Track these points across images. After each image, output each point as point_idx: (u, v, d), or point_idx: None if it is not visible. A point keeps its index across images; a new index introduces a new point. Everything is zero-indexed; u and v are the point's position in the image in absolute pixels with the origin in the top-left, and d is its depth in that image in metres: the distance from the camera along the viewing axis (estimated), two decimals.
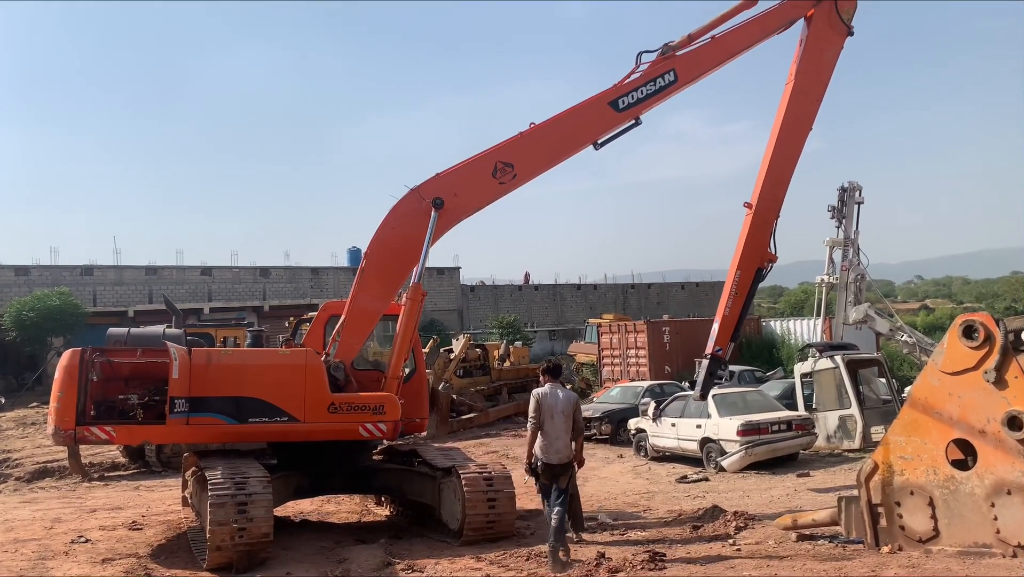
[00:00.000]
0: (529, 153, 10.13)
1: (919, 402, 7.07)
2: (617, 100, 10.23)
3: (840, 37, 11.20)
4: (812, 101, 11.21)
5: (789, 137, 11.22)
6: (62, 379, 8.78)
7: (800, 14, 11.01)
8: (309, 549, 8.84)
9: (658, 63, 10.39)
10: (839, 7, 11.06)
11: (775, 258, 11.57)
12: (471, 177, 9.99)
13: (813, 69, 11.12)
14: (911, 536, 6.92)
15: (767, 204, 11.27)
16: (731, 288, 11.39)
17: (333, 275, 46.47)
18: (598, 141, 10.35)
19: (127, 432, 9.07)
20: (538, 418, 8.09)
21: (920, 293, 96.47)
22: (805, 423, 14.97)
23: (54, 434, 8.77)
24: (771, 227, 11.39)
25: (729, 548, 8.15)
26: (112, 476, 16.13)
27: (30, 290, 35.49)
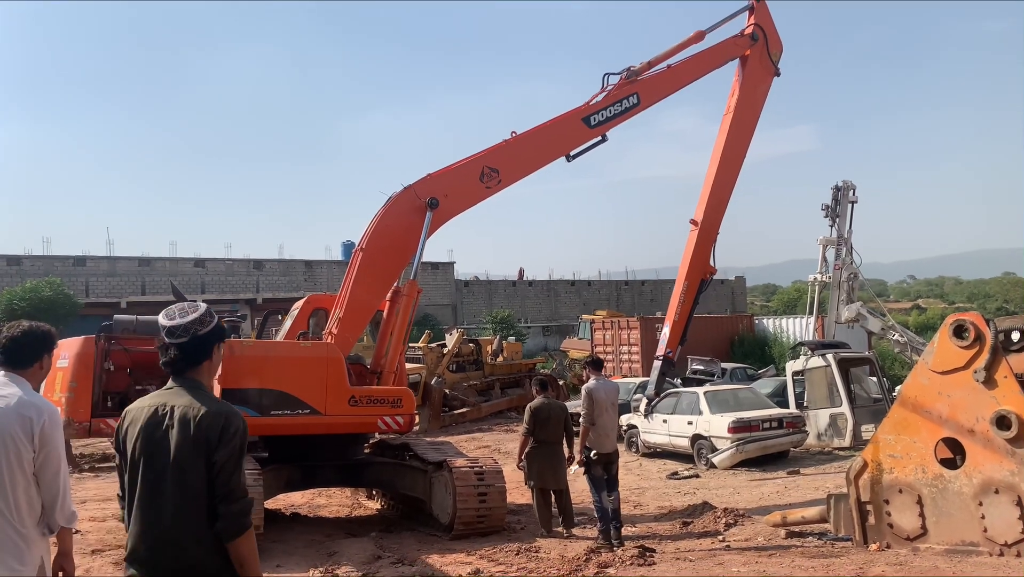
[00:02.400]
0: (513, 160, 10.77)
1: (909, 401, 7.09)
2: (589, 117, 11.07)
3: (769, 76, 12.64)
4: (748, 131, 12.62)
5: (729, 163, 12.49)
6: (76, 368, 8.41)
7: (739, 53, 12.35)
8: (300, 542, 8.84)
9: (624, 86, 11.28)
10: (769, 50, 12.50)
11: (715, 271, 13.02)
12: (460, 180, 10.47)
13: (748, 104, 12.49)
14: (899, 534, 6.95)
15: (710, 221, 12.47)
16: (680, 297, 12.57)
17: (327, 268, 46.41)
18: (570, 154, 11.12)
19: None
20: (592, 413, 8.54)
21: (912, 293, 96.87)
22: (796, 421, 15.02)
23: (66, 426, 8.31)
24: (713, 242, 12.64)
25: (718, 544, 8.19)
26: (103, 467, 16.07)
27: (22, 280, 35.37)
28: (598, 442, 8.59)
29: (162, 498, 2.86)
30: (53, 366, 8.53)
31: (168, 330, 3.00)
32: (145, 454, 2.91)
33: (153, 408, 2.95)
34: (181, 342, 2.99)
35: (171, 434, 2.89)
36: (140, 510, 2.89)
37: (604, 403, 8.67)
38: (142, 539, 2.88)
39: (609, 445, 8.68)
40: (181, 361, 3.01)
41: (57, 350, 8.42)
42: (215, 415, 2.90)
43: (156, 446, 2.90)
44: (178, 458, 2.86)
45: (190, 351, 3.01)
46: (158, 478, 2.87)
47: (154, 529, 2.86)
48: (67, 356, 8.60)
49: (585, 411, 8.61)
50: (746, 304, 65.73)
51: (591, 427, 8.60)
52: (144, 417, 2.95)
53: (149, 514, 2.88)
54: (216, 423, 2.89)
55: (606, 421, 8.67)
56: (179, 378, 3.02)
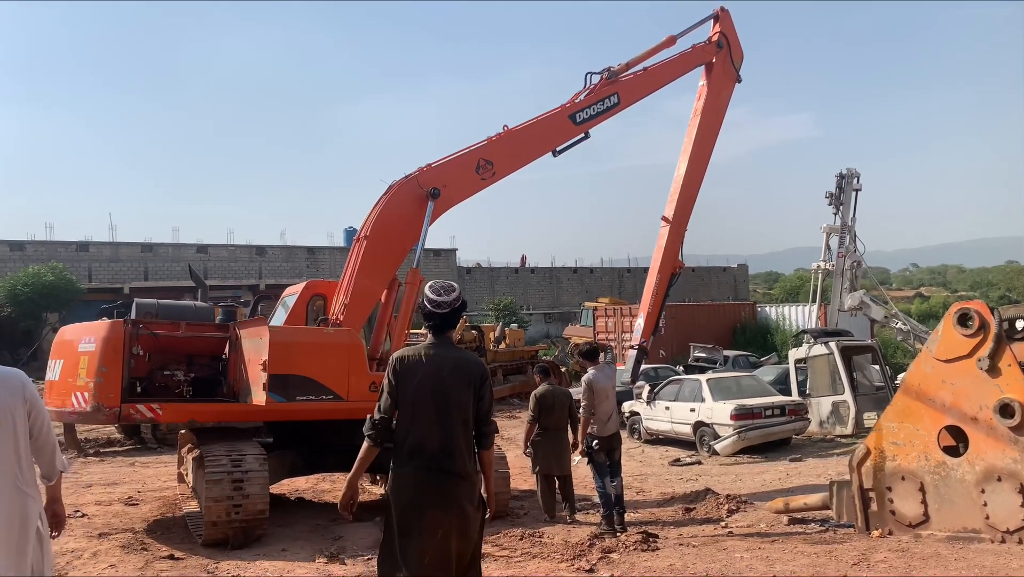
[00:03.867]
0: (506, 153, 11.07)
1: (912, 389, 7.11)
2: (575, 114, 11.52)
3: (732, 83, 13.40)
4: (713, 134, 13.39)
5: (697, 163, 13.20)
6: (105, 352, 8.23)
7: (707, 58, 13.09)
8: (304, 526, 8.90)
9: (605, 86, 11.78)
10: (732, 57, 13.26)
11: (683, 265, 13.92)
12: (458, 171, 10.65)
13: (713, 108, 13.23)
14: (901, 521, 6.99)
15: (679, 219, 13.21)
16: (652, 290, 13.30)
17: (329, 255, 46.43)
18: (557, 149, 11.51)
19: (174, 410, 8.67)
20: (592, 404, 8.61)
21: (915, 281, 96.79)
22: (798, 408, 15.08)
23: (95, 411, 8.17)
24: (682, 238, 13.42)
25: (721, 530, 8.24)
26: (107, 452, 16.15)
27: (25, 266, 35.41)
28: (599, 428, 8.67)
29: (448, 420, 3.95)
30: (75, 350, 8.35)
31: (436, 304, 4.08)
32: (432, 389, 3.96)
33: (431, 357, 4.04)
34: (444, 312, 4.09)
35: (455, 378, 4.01)
36: (428, 426, 3.93)
37: (604, 391, 8.74)
38: (428, 440, 3.92)
39: (610, 429, 8.76)
40: (443, 326, 4.12)
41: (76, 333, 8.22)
42: (476, 363, 4.15)
43: (441, 384, 3.97)
44: (456, 393, 3.99)
45: (450, 319, 4.12)
46: (443, 405, 3.95)
47: (440, 440, 3.92)
48: (93, 340, 8.39)
49: (585, 402, 8.67)
50: (748, 292, 65.72)
51: (591, 417, 8.67)
52: (426, 364, 4.01)
53: (436, 430, 3.93)
54: (479, 369, 4.11)
55: (606, 408, 8.75)
56: (439, 337, 4.12)
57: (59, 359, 8.85)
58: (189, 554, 7.57)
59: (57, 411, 8.76)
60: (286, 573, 6.80)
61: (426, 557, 3.86)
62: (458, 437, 3.97)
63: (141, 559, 7.24)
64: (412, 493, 3.92)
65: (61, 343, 9.12)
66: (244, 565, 7.06)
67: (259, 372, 8.34)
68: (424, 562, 3.85)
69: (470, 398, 4.02)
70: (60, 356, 8.89)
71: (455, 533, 3.91)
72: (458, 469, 3.95)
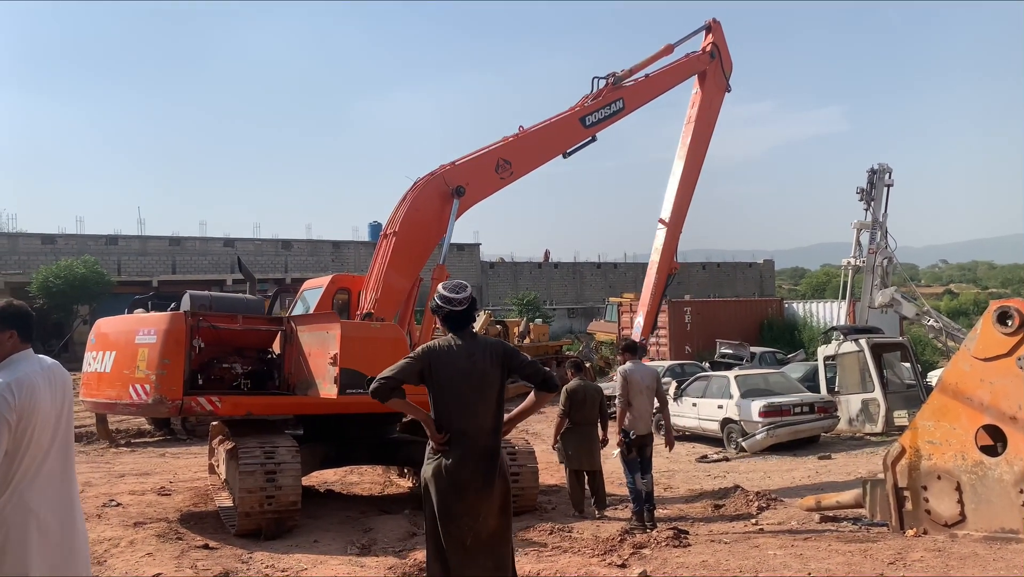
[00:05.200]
0: (523, 154, 11.39)
1: (949, 387, 7.02)
2: (584, 118, 11.94)
3: (722, 92, 14.10)
4: (705, 140, 14.12)
5: (691, 168, 13.87)
6: (168, 345, 8.19)
7: (701, 68, 13.75)
8: (335, 518, 8.97)
9: (611, 92, 12.21)
10: (723, 67, 13.89)
11: (679, 266, 14.75)
12: (479, 170, 10.92)
13: (705, 117, 13.93)
14: (937, 520, 6.90)
15: (676, 221, 13.85)
16: (651, 290, 13.95)
17: (354, 249, 46.69)
18: (567, 151, 11.95)
19: (232, 403, 8.62)
20: (628, 395, 8.63)
21: (944, 278, 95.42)
22: (828, 406, 14.94)
23: (156, 404, 8.18)
24: (678, 240, 14.07)
25: (752, 527, 8.19)
26: (138, 443, 16.40)
27: (56, 258, 35.93)
28: (633, 424, 8.67)
29: (483, 403, 4.18)
30: (132, 342, 8.14)
31: (454, 301, 4.31)
32: (466, 374, 4.18)
33: (460, 345, 4.25)
34: (462, 309, 4.33)
35: (484, 361, 4.22)
36: (465, 411, 4.15)
37: (640, 385, 8.74)
38: (468, 425, 4.14)
39: (643, 427, 8.77)
40: (463, 322, 4.35)
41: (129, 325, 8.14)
42: (500, 342, 4.44)
43: (474, 367, 4.20)
44: (489, 374, 4.22)
45: (468, 315, 4.37)
46: (477, 389, 4.19)
47: (477, 424, 4.15)
48: (153, 332, 8.31)
49: (622, 393, 8.66)
50: (774, 287, 65.17)
51: (628, 408, 8.65)
52: (456, 352, 4.23)
53: (472, 414, 4.16)
54: (502, 346, 4.38)
55: (641, 403, 8.75)
56: (461, 331, 4.32)
57: (109, 351, 8.72)
58: (223, 544, 7.67)
59: (110, 403, 8.72)
60: (319, 564, 6.86)
61: (468, 539, 4.06)
62: (492, 418, 4.21)
63: (177, 548, 7.35)
64: (453, 477, 4.09)
65: (110, 334, 9.05)
66: (277, 556, 7.14)
67: (325, 366, 8.29)
68: (467, 544, 4.05)
69: (500, 377, 4.25)
70: (110, 348, 8.75)
71: (495, 512, 4.15)
72: (494, 449, 4.19)
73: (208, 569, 6.68)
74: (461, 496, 4.09)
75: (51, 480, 3.51)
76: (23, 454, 3.38)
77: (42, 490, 3.45)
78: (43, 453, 3.45)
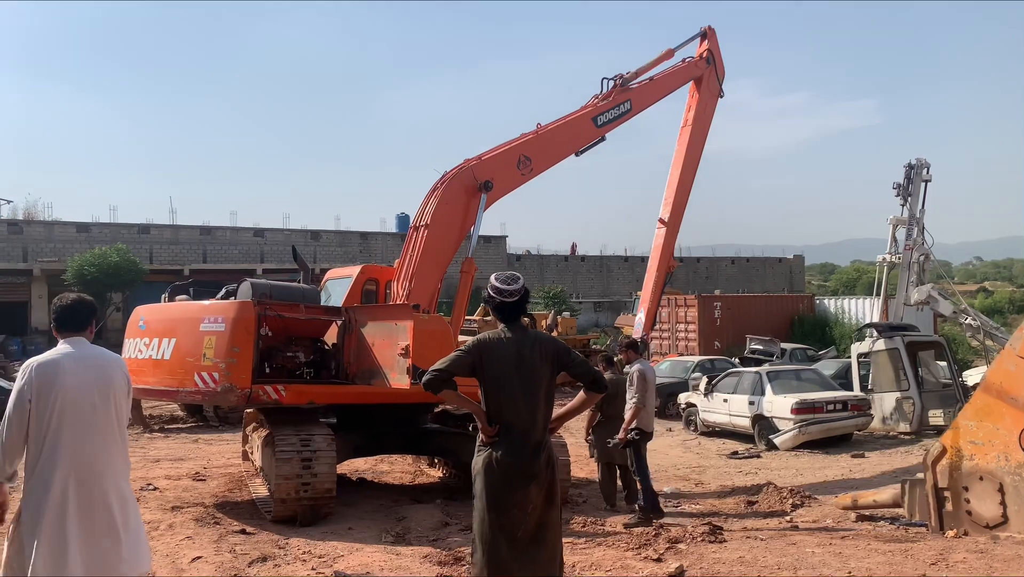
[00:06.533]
0: (542, 151, 11.49)
1: (993, 387, 6.90)
2: (596, 117, 12.21)
3: (715, 98, 14.57)
4: (701, 143, 14.49)
5: (688, 169, 14.29)
6: (237, 333, 8.16)
7: (698, 73, 14.17)
8: (368, 506, 9.04)
9: (620, 93, 12.53)
10: (717, 73, 14.37)
11: (676, 264, 15.35)
12: (504, 166, 11.07)
13: (701, 121, 14.33)
14: (978, 521, 6.80)
15: (674, 221, 14.26)
16: (651, 287, 14.34)
17: (382, 240, 46.87)
18: (579, 150, 12.21)
19: (296, 392, 8.59)
20: (644, 396, 8.67)
21: (979, 275, 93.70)
22: (861, 404, 14.77)
23: (226, 392, 8.14)
24: (676, 238, 14.54)
25: (786, 524, 8.13)
26: (171, 428, 16.64)
27: (91, 247, 36.47)
28: (644, 421, 8.71)
29: (534, 397, 4.22)
30: (197, 329, 8.22)
31: (505, 292, 4.34)
32: (517, 368, 4.21)
33: (511, 339, 4.28)
34: (514, 301, 4.35)
35: (534, 356, 4.24)
36: (516, 405, 4.19)
37: (651, 384, 8.86)
38: (518, 418, 4.18)
39: (651, 424, 8.94)
40: (515, 313, 4.37)
41: (194, 312, 8.14)
42: (552, 339, 4.50)
43: (524, 362, 4.22)
44: (540, 369, 4.23)
45: (520, 306, 4.38)
46: (528, 382, 4.21)
47: (528, 417, 4.19)
48: (222, 320, 8.30)
49: (639, 393, 8.67)
50: (804, 283, 64.47)
51: (642, 408, 8.68)
52: (507, 345, 4.25)
53: (523, 408, 4.19)
54: (554, 344, 4.40)
55: (651, 401, 8.90)
56: (512, 323, 4.35)
57: (167, 337, 8.63)
58: (259, 529, 7.76)
59: (171, 390, 8.68)
60: (355, 551, 6.92)
61: (518, 531, 4.11)
62: (542, 411, 4.26)
63: (215, 532, 7.45)
64: (503, 469, 4.15)
65: (167, 321, 8.99)
66: (313, 543, 7.20)
67: (394, 357, 8.31)
68: (517, 536, 4.10)
69: (549, 373, 4.28)
70: (169, 334, 8.67)
71: (544, 503, 4.19)
72: (544, 442, 4.25)
73: (246, 553, 6.77)
74: (511, 488, 4.13)
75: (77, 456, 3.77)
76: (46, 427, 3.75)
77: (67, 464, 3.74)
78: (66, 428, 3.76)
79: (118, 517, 3.81)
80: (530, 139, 11.42)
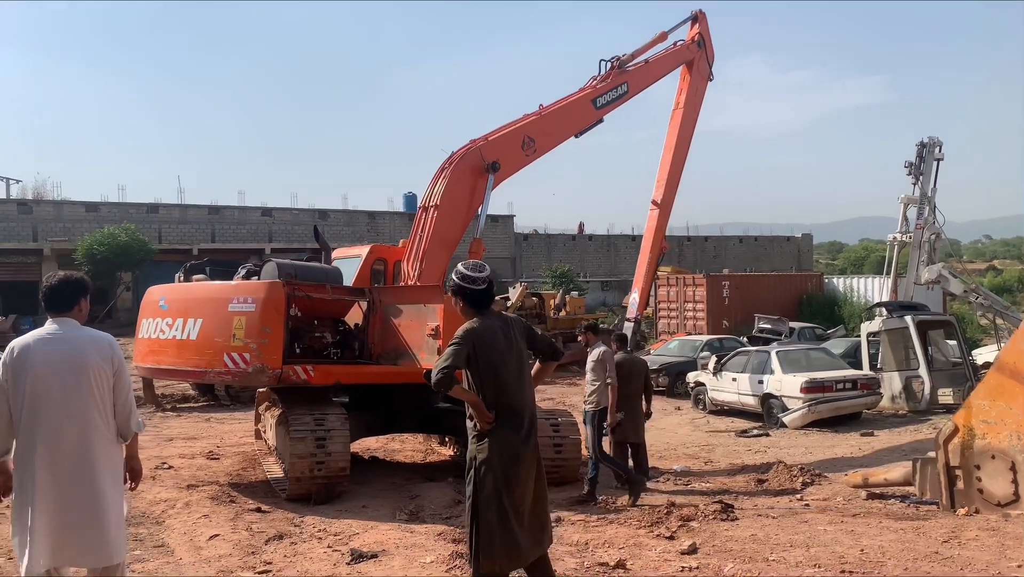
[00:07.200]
0: (545, 132, 11.52)
1: (1007, 366, 6.90)
2: (596, 99, 12.25)
3: (705, 81, 14.84)
4: (692, 125, 14.83)
5: (679, 152, 14.60)
6: (268, 313, 8.12)
7: (690, 56, 14.39)
8: (381, 485, 9.12)
9: (617, 75, 12.58)
10: (708, 56, 14.64)
11: (667, 246, 15.62)
12: (510, 146, 11.09)
13: (692, 103, 14.61)
14: (989, 500, 6.83)
15: (667, 202, 14.63)
16: (645, 269, 14.62)
17: (389, 220, 46.84)
18: (579, 132, 12.24)
19: (323, 372, 8.58)
20: (615, 376, 8.71)
21: (988, 253, 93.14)
22: (871, 382, 14.77)
23: (257, 372, 8.11)
24: (668, 220, 14.92)
25: (797, 503, 8.16)
26: (183, 407, 16.76)
27: (100, 226, 36.58)
28: (606, 398, 8.80)
29: (524, 376, 4.49)
30: (225, 309, 8.22)
31: (477, 280, 4.45)
32: (506, 352, 4.40)
33: (495, 326, 4.43)
34: (484, 288, 4.48)
35: (516, 337, 4.47)
36: (512, 386, 4.38)
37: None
38: (516, 398, 4.39)
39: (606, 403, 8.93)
40: (487, 300, 4.52)
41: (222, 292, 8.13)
42: (518, 319, 4.68)
43: (511, 345, 4.43)
44: (523, 350, 4.50)
45: (489, 293, 4.52)
46: (518, 364, 4.45)
47: (523, 397, 4.43)
48: (252, 300, 8.26)
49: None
50: (812, 262, 64.26)
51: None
52: (494, 332, 4.40)
53: (518, 389, 4.41)
54: (523, 323, 4.62)
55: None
56: (486, 310, 4.50)
57: (193, 317, 8.56)
58: (274, 508, 7.85)
59: (198, 371, 8.68)
60: (369, 529, 6.99)
61: (524, 505, 4.33)
62: (529, 387, 4.53)
63: (231, 511, 7.53)
64: (511, 451, 4.33)
65: (192, 301, 8.91)
66: (328, 521, 7.28)
67: (423, 337, 8.39)
68: (523, 511, 4.32)
69: (526, 350, 4.57)
70: (194, 314, 8.58)
71: (539, 476, 4.46)
72: (536, 417, 4.54)
73: (263, 531, 6.85)
74: (518, 466, 4.32)
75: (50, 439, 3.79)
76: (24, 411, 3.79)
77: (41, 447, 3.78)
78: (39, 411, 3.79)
79: (93, 502, 3.80)
80: (534, 120, 11.44)
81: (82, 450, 3.80)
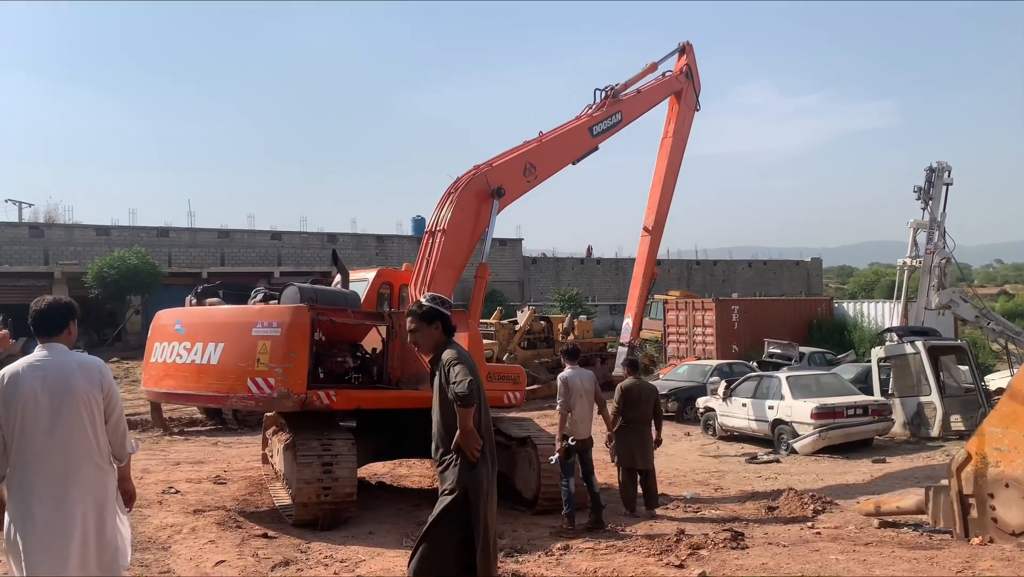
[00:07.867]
0: (545, 159, 11.72)
1: (1020, 394, 6.83)
2: (592, 127, 12.60)
3: (692, 112, 15.45)
4: (679, 154, 15.38)
5: (669, 180, 15.15)
6: (293, 338, 8.04)
7: (679, 86, 15.01)
8: (388, 510, 9.07)
9: (611, 104, 12.92)
10: (695, 87, 15.23)
11: (658, 271, 16.45)
12: (513, 173, 11.27)
13: (680, 132, 15.20)
14: (1004, 529, 6.72)
15: (658, 229, 15.06)
16: (637, 294, 15.29)
17: (398, 243, 46.98)
18: (576, 159, 12.48)
19: (345, 397, 8.52)
20: (568, 401, 8.65)
21: (999, 278, 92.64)
22: (882, 408, 14.65)
23: (282, 398, 8.02)
24: (659, 246, 15.40)
25: (808, 531, 8.06)
26: (191, 431, 16.75)
27: (110, 249, 36.80)
28: (573, 429, 8.59)
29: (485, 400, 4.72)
30: (249, 334, 8.21)
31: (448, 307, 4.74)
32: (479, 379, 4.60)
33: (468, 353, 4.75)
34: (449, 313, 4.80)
35: None
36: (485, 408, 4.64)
37: (579, 390, 8.69)
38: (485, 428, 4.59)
39: (584, 432, 8.70)
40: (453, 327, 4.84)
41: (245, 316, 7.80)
42: None
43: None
44: None
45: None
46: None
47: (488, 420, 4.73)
48: (277, 324, 8.18)
49: (562, 399, 8.65)
50: (822, 286, 64.03)
51: (568, 414, 8.61)
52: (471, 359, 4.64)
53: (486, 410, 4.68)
54: None
55: (582, 408, 8.69)
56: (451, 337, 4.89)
57: (213, 342, 8.49)
58: (281, 533, 7.80)
59: (220, 396, 8.58)
60: (376, 556, 6.94)
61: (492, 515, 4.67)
62: None
63: (237, 536, 7.49)
64: (488, 473, 4.62)
65: (212, 325, 8.82)
66: (335, 548, 7.24)
67: None
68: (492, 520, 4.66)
69: None
70: (214, 339, 8.52)
71: None
72: None
73: (269, 557, 6.80)
74: (490, 488, 4.65)
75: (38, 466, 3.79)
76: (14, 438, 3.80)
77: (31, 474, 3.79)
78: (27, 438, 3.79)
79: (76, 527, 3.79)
80: (535, 147, 11.65)
81: (64, 475, 3.80)
